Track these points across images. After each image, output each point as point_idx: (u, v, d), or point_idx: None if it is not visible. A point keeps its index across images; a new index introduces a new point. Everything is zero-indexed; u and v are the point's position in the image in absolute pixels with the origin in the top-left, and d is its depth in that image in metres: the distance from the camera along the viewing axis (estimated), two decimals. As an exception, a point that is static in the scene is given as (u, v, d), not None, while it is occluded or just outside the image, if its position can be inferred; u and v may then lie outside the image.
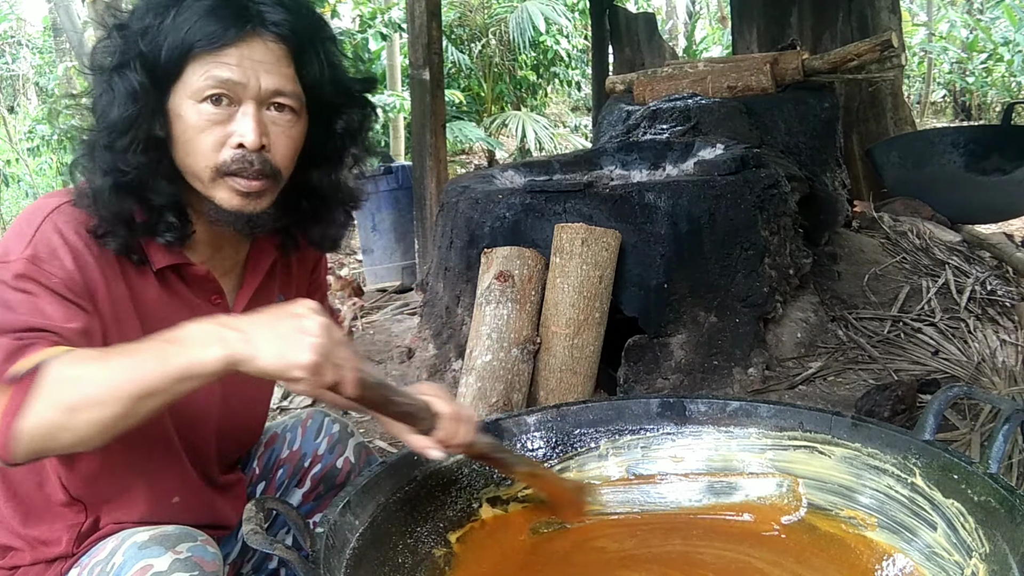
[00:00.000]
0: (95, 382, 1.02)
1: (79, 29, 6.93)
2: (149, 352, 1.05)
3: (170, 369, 1.03)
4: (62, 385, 1.02)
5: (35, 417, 1.01)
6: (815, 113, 4.01)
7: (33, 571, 1.31)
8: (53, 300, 1.14)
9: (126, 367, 1.03)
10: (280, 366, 1.05)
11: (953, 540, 1.30)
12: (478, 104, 11.14)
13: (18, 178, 9.72)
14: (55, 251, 1.17)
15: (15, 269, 1.14)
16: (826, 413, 1.54)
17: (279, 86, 1.21)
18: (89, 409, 1.02)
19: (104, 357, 1.06)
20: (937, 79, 12.75)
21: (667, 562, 1.51)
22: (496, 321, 2.78)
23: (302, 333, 1.05)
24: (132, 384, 1.02)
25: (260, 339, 1.05)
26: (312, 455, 1.67)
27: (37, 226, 1.19)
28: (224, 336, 1.05)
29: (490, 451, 1.48)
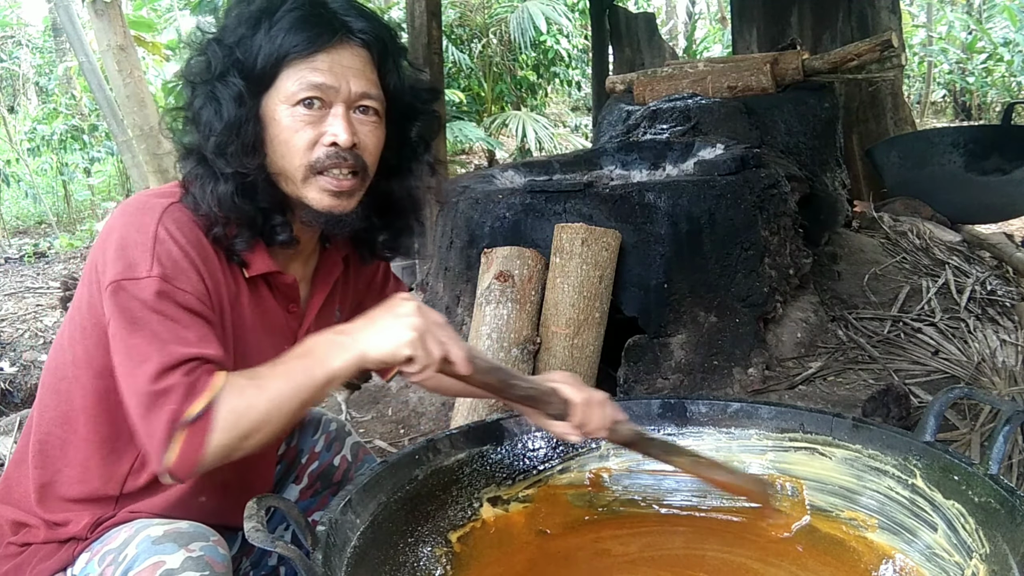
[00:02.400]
0: (261, 409, 1.15)
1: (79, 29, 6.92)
2: (295, 370, 1.17)
3: (315, 381, 1.17)
4: (234, 419, 1.13)
5: (213, 450, 1.12)
6: (815, 113, 4.01)
7: (44, 550, 1.32)
8: (192, 321, 1.19)
9: (283, 389, 1.16)
10: (388, 351, 1.17)
11: (954, 541, 1.30)
12: (478, 104, 11.14)
13: (18, 178, 9.72)
14: (178, 263, 1.19)
15: (151, 288, 1.16)
16: (827, 415, 1.54)
17: (366, 89, 1.28)
18: (258, 432, 1.15)
19: (261, 384, 1.16)
20: (937, 79, 12.76)
21: (669, 564, 1.51)
22: (496, 321, 2.78)
23: (398, 317, 1.18)
24: (291, 402, 1.16)
25: (366, 336, 1.18)
26: (309, 452, 1.68)
27: (153, 235, 1.20)
28: (343, 343, 1.18)
29: (635, 439, 1.50)
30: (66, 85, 11.34)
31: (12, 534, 1.34)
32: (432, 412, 3.04)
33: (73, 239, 8.30)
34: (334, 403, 3.20)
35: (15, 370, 4.32)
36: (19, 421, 3.13)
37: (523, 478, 1.62)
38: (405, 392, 3.17)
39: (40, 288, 6.23)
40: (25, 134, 10.04)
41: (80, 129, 9.78)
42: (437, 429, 2.90)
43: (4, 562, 1.34)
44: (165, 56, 10.21)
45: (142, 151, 7.11)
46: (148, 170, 7.65)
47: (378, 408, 3.12)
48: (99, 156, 9.95)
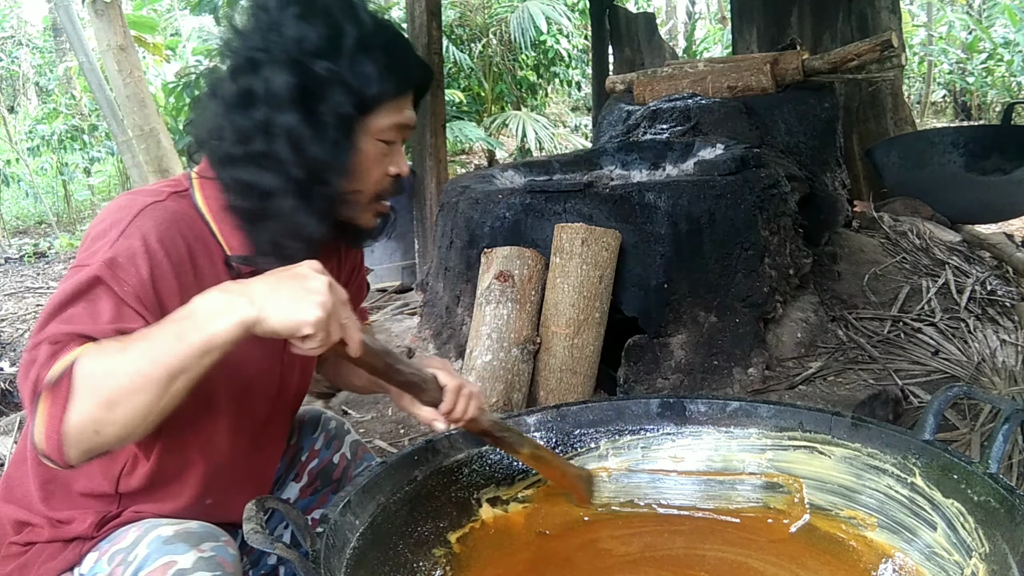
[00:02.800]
0: (123, 373, 1.04)
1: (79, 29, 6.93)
2: (166, 333, 1.06)
3: (190, 346, 1.05)
4: (94, 381, 1.04)
5: (77, 416, 1.03)
6: (815, 113, 4.01)
7: (49, 549, 1.32)
8: (114, 307, 1.15)
9: (149, 352, 1.05)
10: (289, 325, 1.06)
11: (953, 540, 1.30)
12: (478, 104, 11.13)
13: (18, 178, 9.73)
14: (134, 258, 1.18)
15: (91, 272, 1.15)
16: (826, 413, 1.54)
17: (415, 123, 1.38)
18: (125, 400, 1.04)
19: (126, 346, 1.07)
20: (937, 79, 12.76)
21: (670, 564, 1.51)
22: (496, 321, 2.79)
23: (308, 292, 1.08)
24: (158, 367, 1.04)
25: (268, 301, 1.06)
26: (309, 450, 1.69)
27: (123, 229, 1.19)
28: (233, 303, 1.06)
29: (494, 429, 1.50)
30: (66, 85, 11.35)
31: (15, 533, 1.34)
32: (432, 412, 3.04)
33: (73, 239, 8.30)
34: (334, 403, 3.20)
35: (15, 370, 4.32)
36: (19, 421, 3.14)
37: (522, 478, 1.62)
38: (405, 392, 3.16)
39: (40, 288, 6.23)
40: (25, 134, 10.05)
41: (80, 129, 9.79)
42: (437, 429, 2.90)
43: (7, 562, 1.33)
44: (165, 56, 10.22)
45: (142, 151, 7.12)
46: (148, 170, 7.65)
47: (378, 408, 3.12)
48: (99, 156, 9.96)
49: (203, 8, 6.94)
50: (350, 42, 1.24)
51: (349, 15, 1.26)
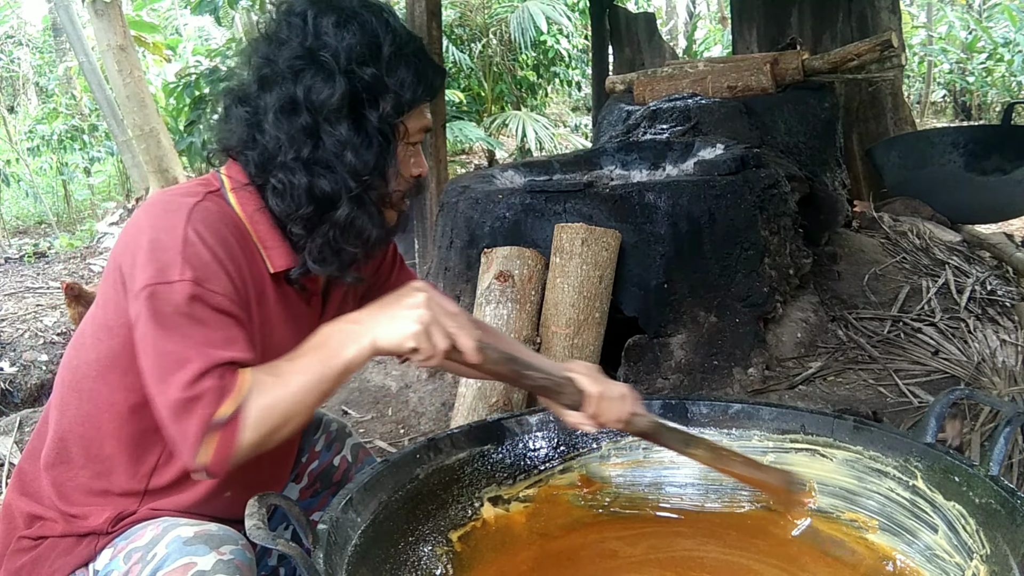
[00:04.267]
0: (286, 404, 1.18)
1: (79, 29, 6.93)
2: (312, 364, 1.20)
3: (332, 372, 1.20)
4: (262, 417, 1.17)
5: (245, 445, 1.16)
6: (815, 113, 4.01)
7: (63, 544, 1.32)
8: (223, 323, 1.20)
9: (305, 382, 1.19)
10: (394, 341, 1.21)
11: (954, 542, 1.30)
12: (478, 104, 11.13)
13: (18, 178, 9.72)
14: (209, 265, 1.20)
15: (184, 292, 1.17)
16: (828, 416, 1.54)
17: None
18: (285, 426, 1.20)
19: (283, 380, 1.19)
20: (937, 79, 12.76)
21: (673, 565, 1.51)
22: (496, 321, 2.79)
23: (405, 308, 1.22)
24: (312, 394, 1.20)
25: (376, 325, 1.21)
26: (310, 451, 1.69)
27: (183, 237, 1.20)
28: (356, 333, 1.21)
29: (653, 431, 1.50)
30: (66, 85, 11.35)
31: (26, 527, 1.35)
32: (432, 412, 3.04)
33: (73, 239, 8.30)
34: (334, 403, 3.20)
35: (15, 370, 4.32)
36: (19, 421, 3.13)
37: (524, 478, 1.62)
38: (405, 392, 3.17)
39: (40, 288, 6.23)
40: (25, 134, 10.05)
41: (80, 129, 9.78)
42: (437, 429, 2.90)
43: (18, 556, 1.34)
44: (165, 56, 10.22)
45: (142, 151, 7.12)
46: (148, 170, 7.65)
47: (378, 408, 3.12)
48: (99, 156, 9.96)
49: (203, 8, 6.93)
50: (388, 50, 1.27)
51: (384, 24, 1.28)
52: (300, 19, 1.27)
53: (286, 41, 1.27)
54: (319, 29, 1.25)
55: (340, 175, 1.26)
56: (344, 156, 1.26)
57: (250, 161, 1.30)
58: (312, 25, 1.26)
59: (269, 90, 1.27)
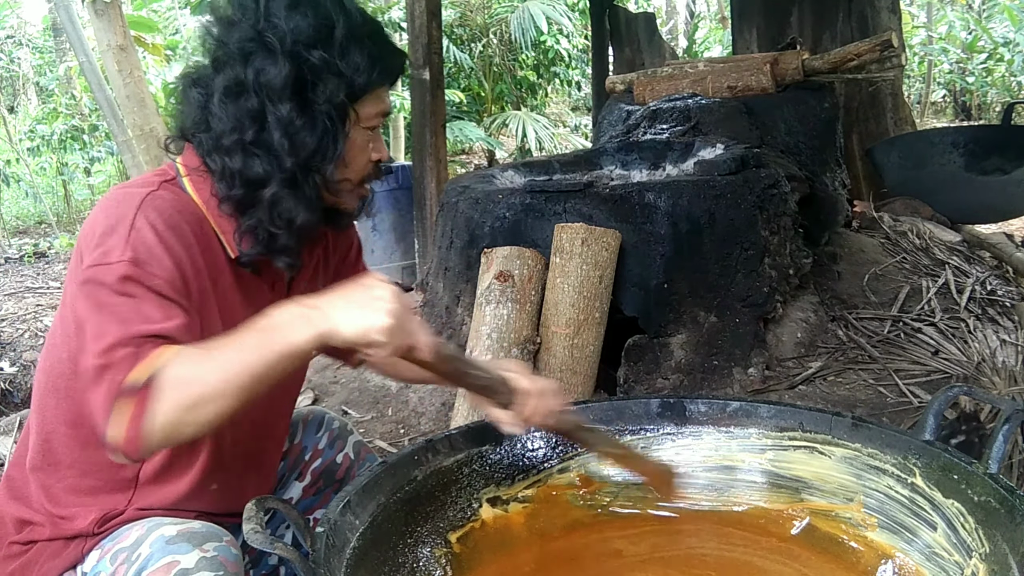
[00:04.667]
0: (208, 380, 1.10)
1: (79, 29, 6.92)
2: (249, 342, 1.13)
3: (271, 355, 1.12)
4: (178, 387, 1.09)
5: (159, 419, 1.09)
6: (815, 113, 4.01)
7: (51, 547, 1.33)
8: (156, 301, 1.18)
9: (233, 360, 1.11)
10: (359, 332, 1.13)
11: (953, 540, 1.29)
12: (478, 104, 11.13)
13: (18, 178, 9.71)
14: (152, 250, 1.20)
15: (118, 272, 1.17)
16: (826, 413, 1.54)
17: None
18: (207, 404, 1.10)
19: (210, 354, 1.13)
20: (937, 79, 12.76)
21: (677, 564, 1.51)
22: (496, 321, 2.78)
23: (375, 300, 1.15)
24: (241, 375, 1.11)
25: (339, 312, 1.14)
26: (312, 449, 1.69)
27: (131, 223, 1.20)
28: (308, 316, 1.14)
29: (573, 430, 1.52)
30: (66, 85, 11.34)
31: (16, 532, 1.35)
32: (432, 412, 3.04)
33: (73, 239, 8.29)
34: (334, 403, 3.20)
35: (15, 370, 4.32)
36: (19, 421, 3.14)
37: (522, 478, 1.62)
38: (405, 392, 3.17)
39: (40, 288, 6.23)
40: (25, 134, 10.04)
41: (80, 129, 9.77)
42: (437, 429, 2.90)
43: (8, 562, 1.34)
44: (165, 57, 10.21)
45: (142, 151, 7.11)
46: (148, 170, 7.65)
47: (378, 408, 3.12)
48: (99, 156, 9.94)
49: (203, 8, 6.92)
50: (341, 32, 1.26)
51: (338, 6, 1.28)
52: (253, 1, 1.27)
53: (238, 23, 1.27)
54: (270, 11, 1.25)
55: (278, 158, 1.25)
56: (285, 138, 1.25)
57: (203, 144, 1.30)
58: (264, 7, 1.26)
59: (220, 72, 1.27)
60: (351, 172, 1.35)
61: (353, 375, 3.35)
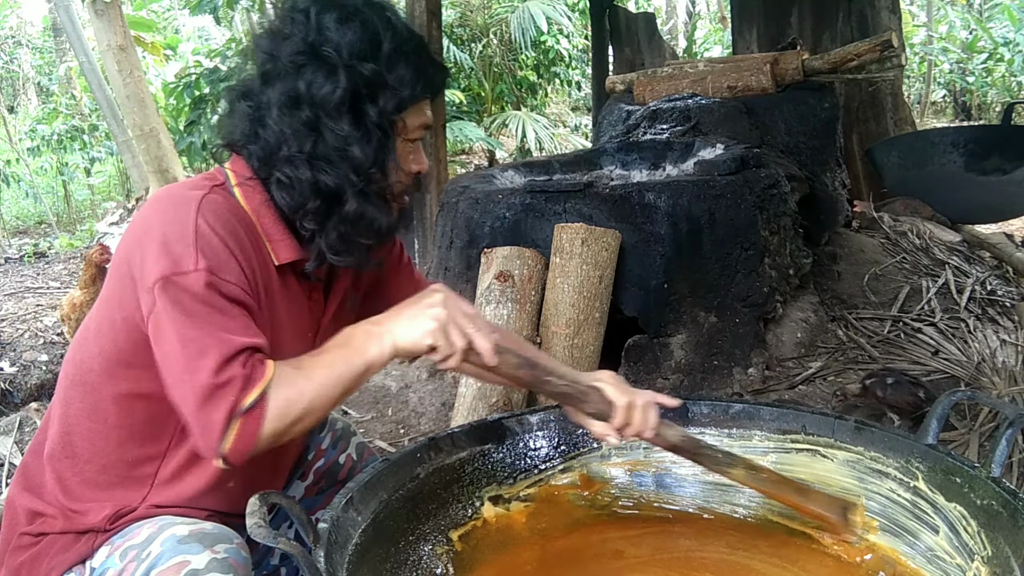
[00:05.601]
0: (308, 397, 1.20)
1: (79, 29, 6.92)
2: (337, 359, 1.24)
3: (355, 371, 1.23)
4: (284, 406, 1.18)
5: (266, 436, 1.18)
6: (815, 113, 4.01)
7: (62, 540, 1.33)
8: (238, 312, 1.22)
9: (327, 377, 1.22)
10: (412, 341, 1.25)
11: (955, 543, 1.30)
12: (478, 104, 11.12)
13: (18, 178, 9.72)
14: (220, 255, 1.22)
15: (201, 281, 1.18)
16: (829, 416, 1.54)
17: None
18: (306, 418, 1.21)
19: (306, 372, 1.22)
20: (937, 79, 12.75)
21: (677, 565, 1.51)
22: (496, 321, 2.78)
23: (424, 307, 1.26)
24: (334, 390, 1.22)
25: (396, 327, 1.26)
26: (316, 449, 1.70)
27: (195, 228, 1.21)
28: (376, 334, 1.25)
29: (683, 444, 1.48)
30: (66, 85, 11.34)
31: (27, 523, 1.36)
32: (432, 412, 3.04)
33: (73, 239, 8.29)
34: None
35: (15, 370, 4.31)
36: (19, 421, 3.13)
37: (524, 477, 1.62)
38: (405, 392, 3.17)
39: (40, 288, 6.23)
40: (25, 134, 10.04)
41: (80, 129, 9.77)
42: (437, 429, 2.90)
43: (19, 553, 1.34)
44: (165, 56, 10.21)
45: (142, 151, 7.11)
46: (148, 170, 7.65)
47: (378, 408, 3.12)
48: (99, 156, 9.95)
49: (203, 8, 6.93)
50: (388, 47, 1.28)
51: (385, 21, 1.30)
52: (303, 15, 1.28)
53: (289, 36, 1.28)
54: (321, 24, 1.27)
55: (342, 169, 1.27)
56: (345, 151, 1.27)
57: (253, 155, 1.31)
58: (315, 21, 1.27)
59: (271, 85, 1.28)
60: (396, 183, 1.36)
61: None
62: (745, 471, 1.47)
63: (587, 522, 1.62)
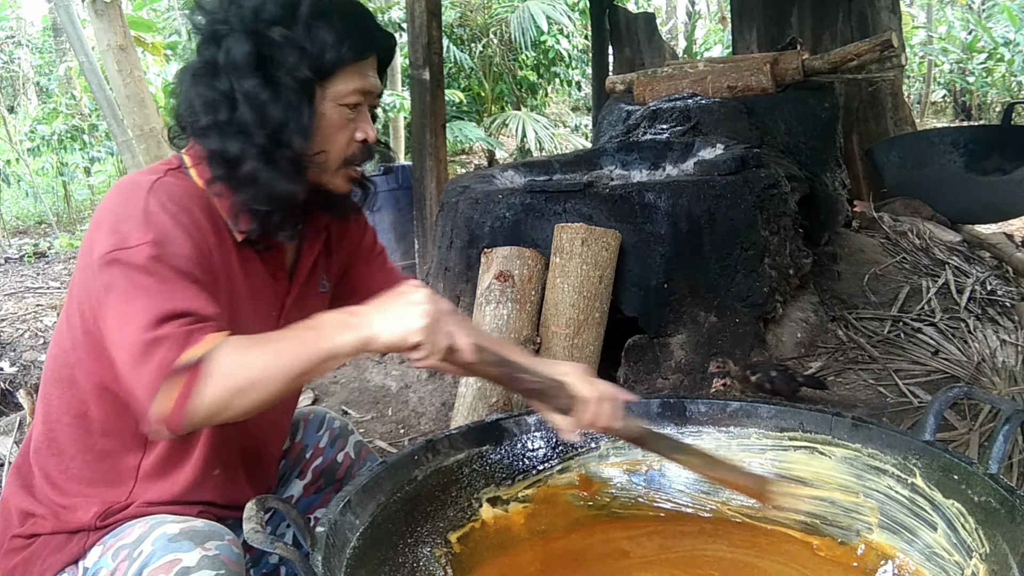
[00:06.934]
0: (257, 368, 1.15)
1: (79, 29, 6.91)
2: (298, 339, 1.19)
3: (317, 353, 1.18)
4: (230, 372, 1.14)
5: (206, 399, 1.12)
6: (815, 113, 4.01)
7: (54, 541, 1.33)
8: (185, 281, 1.20)
9: (282, 353, 1.17)
10: (398, 337, 1.20)
11: (953, 540, 1.30)
12: (478, 104, 11.12)
13: (18, 178, 9.71)
14: (170, 231, 1.22)
15: (144, 253, 1.18)
16: (826, 414, 1.54)
17: (381, 91, 1.40)
18: (252, 391, 1.15)
19: (261, 345, 1.18)
20: (937, 79, 12.75)
21: (681, 564, 1.51)
22: (496, 321, 2.78)
23: (411, 304, 1.21)
24: (288, 368, 1.17)
25: (377, 320, 1.21)
26: (314, 447, 1.70)
27: (144, 207, 1.22)
28: (351, 323, 1.21)
29: (643, 437, 1.47)
30: (66, 85, 11.33)
31: (19, 525, 1.36)
32: (432, 412, 3.04)
33: (73, 239, 8.29)
34: (334, 403, 3.20)
35: (15, 370, 4.31)
36: (19, 421, 3.13)
37: (522, 478, 1.62)
38: (405, 392, 3.17)
39: (40, 288, 6.23)
40: (25, 134, 10.03)
41: (80, 129, 9.76)
42: (437, 429, 2.90)
43: (11, 556, 1.35)
44: (165, 56, 10.21)
45: (142, 151, 7.10)
46: (148, 170, 7.63)
47: (378, 408, 3.12)
48: (99, 156, 9.94)
49: (196, 6, 6.89)
50: (306, 10, 1.28)
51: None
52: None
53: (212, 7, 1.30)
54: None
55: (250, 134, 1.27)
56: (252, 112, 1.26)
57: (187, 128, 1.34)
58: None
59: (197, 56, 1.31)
60: (331, 149, 1.35)
61: (353, 375, 3.35)
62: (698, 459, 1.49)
63: (586, 522, 1.62)
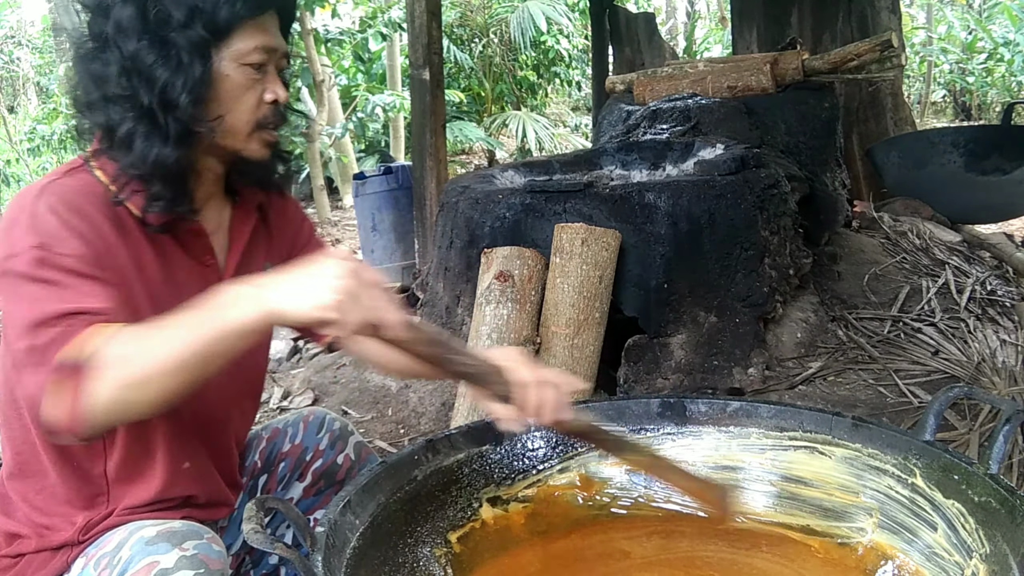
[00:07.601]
0: (150, 357, 1.07)
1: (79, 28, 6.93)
2: (192, 321, 1.09)
3: (215, 332, 1.08)
4: (119, 365, 1.07)
5: (101, 397, 1.06)
6: (815, 113, 4.01)
7: (38, 559, 1.33)
8: (73, 280, 1.16)
9: (175, 338, 1.08)
10: (304, 310, 1.07)
11: (953, 541, 1.29)
12: (478, 104, 11.13)
13: (18, 178, 9.72)
14: (56, 232, 1.18)
15: (28, 258, 1.15)
16: (826, 414, 1.54)
17: (287, 50, 1.36)
18: (150, 382, 1.08)
19: (151, 332, 1.10)
20: (937, 79, 12.75)
21: (681, 565, 1.50)
22: (496, 321, 2.78)
23: (323, 277, 1.08)
24: (184, 352, 1.07)
25: (284, 290, 1.08)
26: (314, 450, 1.70)
27: (31, 213, 1.20)
28: (256, 294, 1.09)
29: (589, 432, 1.41)
30: (66, 85, 11.33)
31: (6, 545, 1.35)
32: (432, 412, 3.04)
33: (73, 239, 8.28)
34: (334, 403, 3.20)
35: (15, 370, 4.31)
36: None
37: (522, 478, 1.62)
38: (405, 392, 3.17)
39: (40, 288, 6.22)
40: (25, 134, 10.04)
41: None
42: (437, 429, 2.90)
43: None
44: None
45: (142, 151, 7.08)
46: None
47: (378, 408, 3.12)
48: (99, 156, 9.94)
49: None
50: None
51: None
52: None
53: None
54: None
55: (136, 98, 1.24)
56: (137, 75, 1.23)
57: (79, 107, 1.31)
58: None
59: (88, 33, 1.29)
60: (236, 111, 1.31)
61: (353, 375, 3.36)
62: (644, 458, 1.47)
63: (587, 522, 1.62)
